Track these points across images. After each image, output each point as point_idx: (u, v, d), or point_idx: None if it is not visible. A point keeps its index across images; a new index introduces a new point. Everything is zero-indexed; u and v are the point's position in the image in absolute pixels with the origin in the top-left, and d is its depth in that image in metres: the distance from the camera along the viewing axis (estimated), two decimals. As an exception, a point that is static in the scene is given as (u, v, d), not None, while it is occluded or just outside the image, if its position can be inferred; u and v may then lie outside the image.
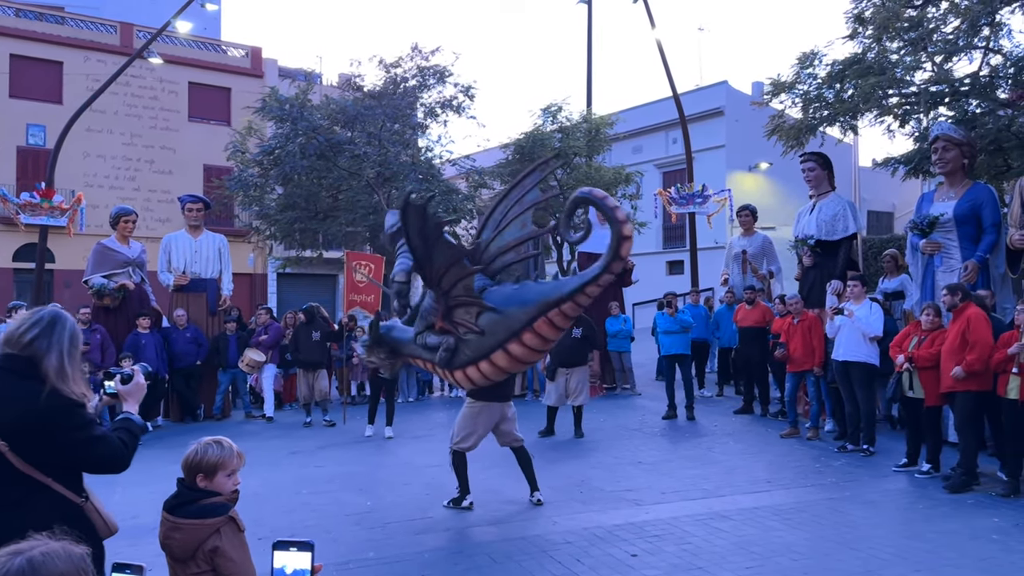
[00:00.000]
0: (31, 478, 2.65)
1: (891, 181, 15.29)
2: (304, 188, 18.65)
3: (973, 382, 7.02)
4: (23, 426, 2.64)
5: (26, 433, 2.64)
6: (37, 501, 2.65)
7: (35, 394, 2.67)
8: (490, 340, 6.16)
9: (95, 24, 25.25)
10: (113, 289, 11.09)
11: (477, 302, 6.16)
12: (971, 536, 5.71)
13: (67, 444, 2.69)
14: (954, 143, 8.74)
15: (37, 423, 2.66)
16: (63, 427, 2.69)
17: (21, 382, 2.70)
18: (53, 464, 2.70)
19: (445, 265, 6.08)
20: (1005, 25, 10.85)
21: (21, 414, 2.65)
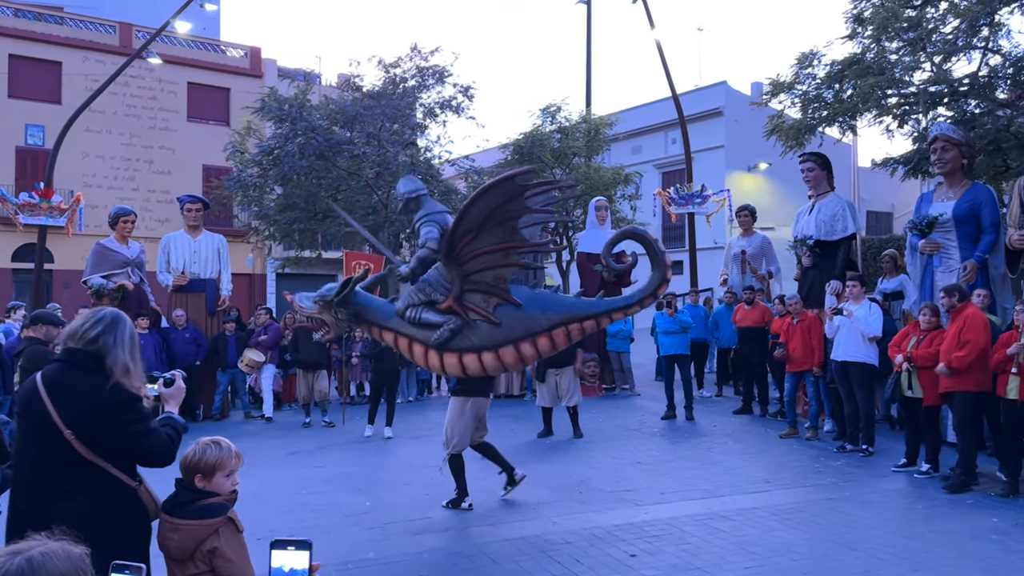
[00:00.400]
0: (94, 464, 2.85)
1: (890, 181, 15.29)
2: (303, 188, 18.65)
3: (971, 382, 7.03)
4: (89, 417, 2.84)
5: (91, 423, 2.84)
6: (98, 485, 2.86)
7: (100, 387, 2.88)
8: (504, 334, 6.16)
9: (94, 24, 25.24)
10: (112, 289, 11.08)
11: (503, 293, 6.14)
12: (970, 536, 5.71)
13: (126, 434, 2.90)
14: (953, 143, 8.74)
15: (101, 414, 2.86)
16: (123, 419, 2.90)
17: (86, 376, 2.91)
18: (112, 452, 2.90)
19: (491, 248, 6.02)
20: (1004, 25, 10.85)
21: (87, 406, 2.85)
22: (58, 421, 2.82)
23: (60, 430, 2.81)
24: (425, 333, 6.27)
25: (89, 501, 2.81)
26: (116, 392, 2.90)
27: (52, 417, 2.82)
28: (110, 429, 2.87)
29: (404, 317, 6.35)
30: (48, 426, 2.83)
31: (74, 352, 2.96)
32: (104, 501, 2.85)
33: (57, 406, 2.84)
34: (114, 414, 2.88)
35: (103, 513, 2.82)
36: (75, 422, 2.82)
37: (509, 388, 13.57)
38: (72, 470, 2.83)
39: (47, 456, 2.86)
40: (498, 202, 5.95)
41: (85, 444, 2.83)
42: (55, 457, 2.84)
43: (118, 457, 2.92)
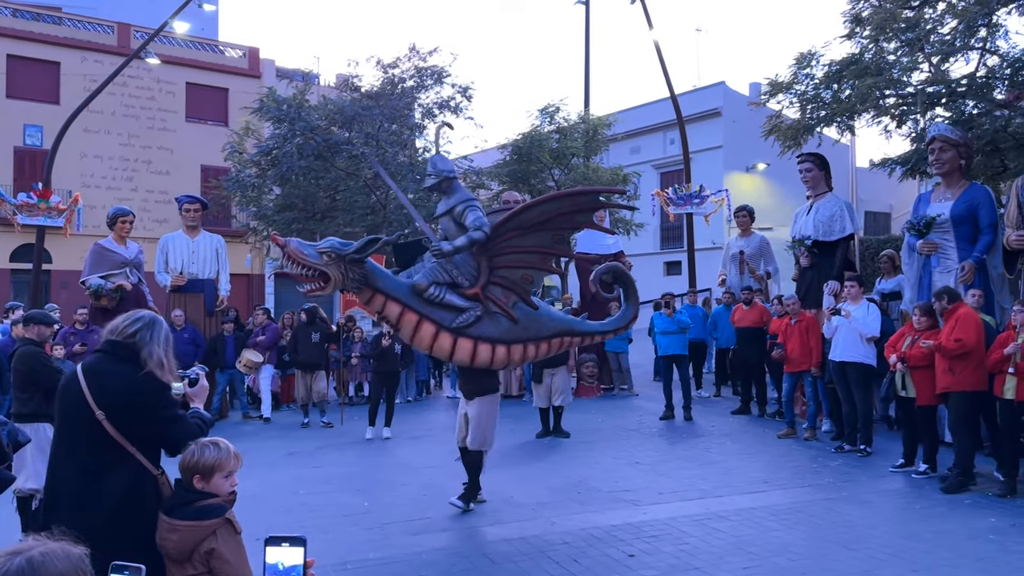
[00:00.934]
0: (122, 447, 3.03)
1: (888, 182, 15.30)
2: (302, 188, 18.64)
3: (966, 381, 7.05)
4: (121, 400, 3.04)
5: (122, 407, 3.04)
6: (123, 467, 3.03)
7: (134, 375, 3.10)
8: (520, 331, 6.40)
9: (92, 24, 25.21)
10: (110, 290, 11.06)
11: (524, 294, 6.38)
12: (968, 536, 5.72)
13: (154, 420, 3.10)
14: (951, 144, 8.75)
15: (133, 399, 3.07)
16: (153, 405, 3.11)
17: (122, 364, 3.13)
18: (140, 437, 3.08)
19: (531, 248, 6.31)
20: (1002, 26, 10.87)
21: (120, 390, 3.06)
22: (92, 403, 3.00)
23: (93, 411, 3.00)
24: (441, 314, 6.20)
25: (113, 481, 2.98)
26: (148, 380, 3.11)
27: (87, 399, 3.01)
28: (140, 414, 3.07)
29: (424, 294, 6.18)
30: (82, 409, 3.01)
31: (113, 343, 3.18)
32: (126, 483, 3.01)
33: (92, 390, 3.04)
34: (145, 400, 3.08)
35: (124, 494, 2.99)
36: (107, 404, 3.01)
37: (508, 389, 13.56)
38: (101, 450, 3.01)
39: (79, 437, 3.05)
40: (568, 210, 6.25)
41: (115, 427, 3.00)
42: (86, 438, 3.03)
43: (145, 443, 3.09)
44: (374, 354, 10.66)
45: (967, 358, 7.04)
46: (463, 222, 6.43)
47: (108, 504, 2.97)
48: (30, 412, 6.09)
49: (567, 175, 20.21)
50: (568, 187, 19.71)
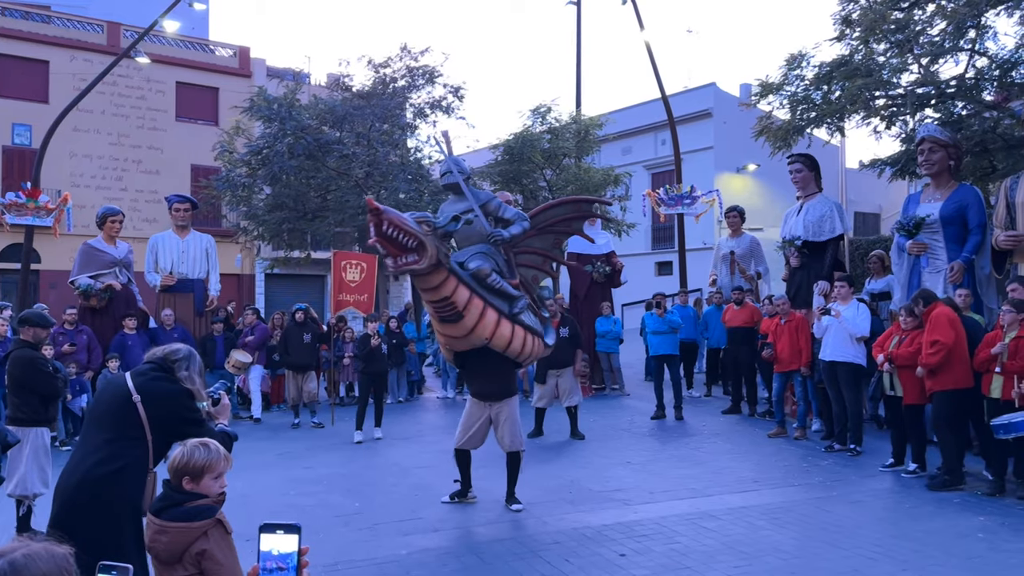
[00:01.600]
0: (143, 429, 3.47)
1: (878, 182, 15.36)
2: (292, 188, 18.56)
3: (948, 380, 7.08)
4: (155, 392, 3.53)
5: (156, 398, 3.52)
6: (134, 448, 3.46)
7: (172, 380, 3.62)
8: (539, 326, 6.77)
9: (81, 23, 25.06)
10: (99, 290, 11.01)
11: (533, 293, 6.80)
12: (957, 535, 5.75)
13: (181, 419, 3.53)
14: (940, 145, 8.80)
15: (167, 394, 3.56)
16: (182, 405, 3.58)
17: (162, 372, 3.64)
18: (163, 428, 3.51)
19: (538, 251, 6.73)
20: (991, 27, 10.91)
21: (158, 384, 3.56)
22: (132, 389, 3.50)
23: (131, 393, 3.48)
24: (499, 301, 6.27)
25: (123, 454, 3.42)
26: (183, 386, 3.61)
27: (129, 387, 3.51)
28: (169, 409, 3.52)
29: (487, 280, 6.18)
30: (121, 395, 3.51)
31: (157, 360, 3.67)
32: (128, 465, 3.41)
33: (135, 382, 3.54)
34: (176, 399, 3.56)
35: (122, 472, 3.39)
36: (146, 394, 3.50)
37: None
38: (128, 424, 3.46)
39: (109, 415, 3.51)
40: (571, 215, 6.49)
41: (146, 411, 3.47)
42: (116, 416, 3.48)
43: (163, 435, 3.52)
44: (362, 355, 10.57)
45: (948, 357, 7.06)
46: (502, 215, 6.62)
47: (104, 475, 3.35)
48: (25, 417, 6.02)
49: (559, 175, 20.20)
50: (560, 187, 19.74)
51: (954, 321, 7.16)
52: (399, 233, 5.37)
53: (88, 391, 10.37)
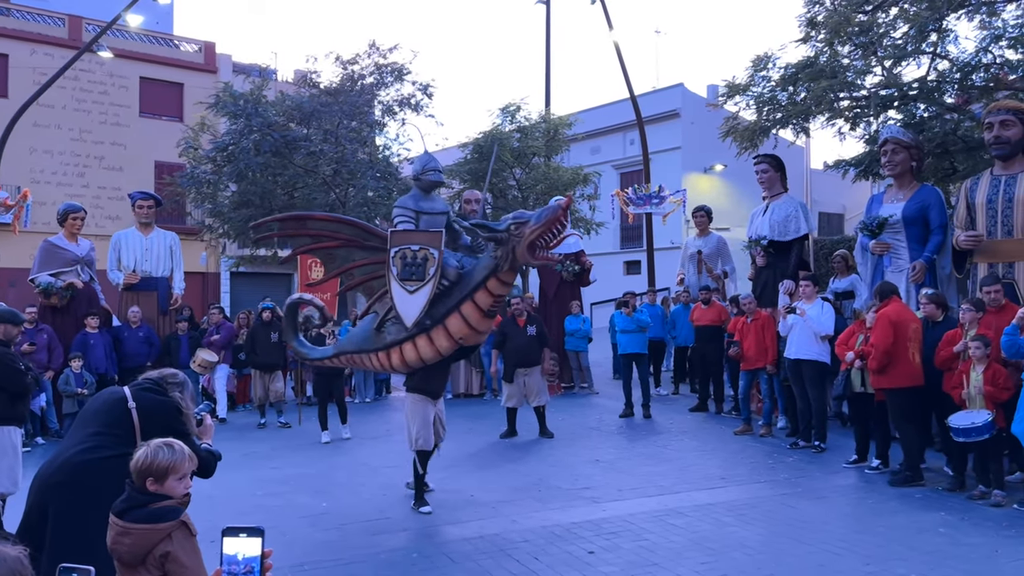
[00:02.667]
0: (133, 434, 3.51)
1: (842, 183, 15.58)
2: (259, 185, 18.36)
3: (896, 378, 7.20)
4: (150, 403, 3.64)
5: (149, 407, 3.63)
6: (122, 445, 3.42)
7: (165, 394, 3.74)
8: None
9: (42, 16, 24.56)
10: (61, 288, 10.80)
11: None
12: (919, 530, 5.85)
13: (171, 431, 3.40)
14: (903, 146, 8.94)
15: (159, 405, 3.66)
16: (173, 417, 3.66)
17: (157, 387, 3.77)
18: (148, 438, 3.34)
19: None
20: (952, 31, 11.13)
21: (151, 395, 3.68)
22: (128, 396, 3.61)
23: (127, 399, 3.59)
24: None
25: (112, 451, 3.42)
26: (176, 401, 3.72)
27: (126, 396, 3.62)
28: (161, 420, 3.56)
29: None
30: (117, 400, 3.62)
31: (152, 379, 3.81)
32: (115, 459, 3.34)
33: (132, 391, 3.66)
34: (168, 411, 3.65)
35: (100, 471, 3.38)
36: (140, 401, 3.61)
37: (469, 387, 13.54)
38: (120, 425, 3.53)
39: (100, 414, 3.60)
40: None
41: (139, 418, 3.55)
42: (108, 416, 3.57)
43: None
44: None
45: (891, 356, 7.18)
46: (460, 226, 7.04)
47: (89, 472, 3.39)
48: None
49: (528, 174, 20.22)
50: (529, 186, 19.77)
51: (895, 322, 7.25)
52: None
53: (47, 391, 10.17)
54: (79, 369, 10.09)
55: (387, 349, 6.55)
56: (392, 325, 6.49)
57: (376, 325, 6.59)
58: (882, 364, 7.19)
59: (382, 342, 6.58)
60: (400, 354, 6.49)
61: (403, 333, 6.42)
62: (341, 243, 6.68)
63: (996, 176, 8.10)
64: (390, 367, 6.80)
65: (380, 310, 6.62)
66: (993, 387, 6.54)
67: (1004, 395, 6.51)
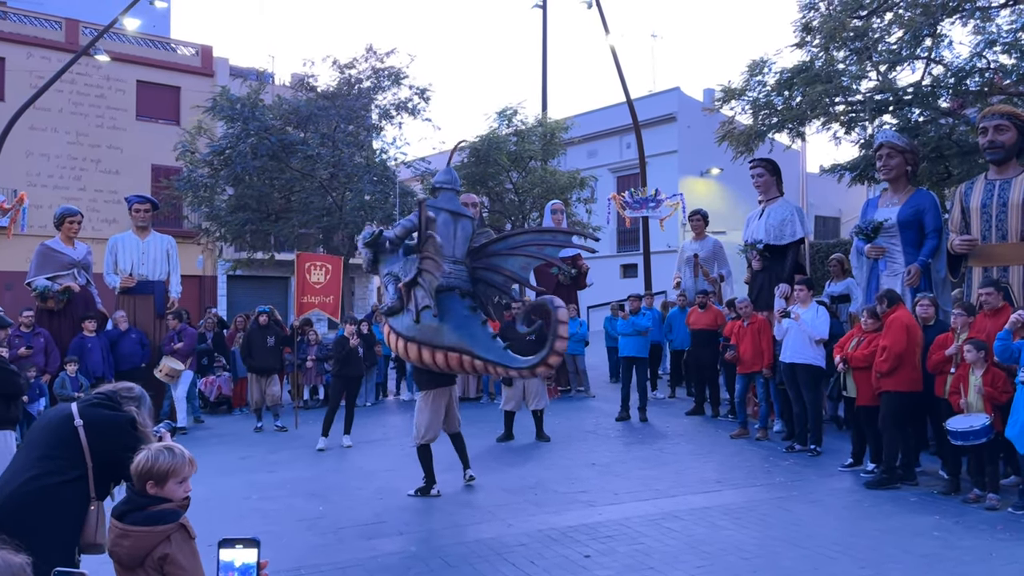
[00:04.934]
0: (81, 459, 3.22)
1: (837, 187, 15.65)
2: (255, 189, 18.38)
3: (895, 382, 7.23)
4: (99, 419, 3.31)
5: (99, 425, 3.30)
6: (70, 479, 3.20)
7: (118, 410, 3.41)
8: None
9: (39, 20, 24.56)
10: (57, 291, 10.79)
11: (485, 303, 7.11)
12: (913, 533, 5.87)
13: (124, 447, 3.18)
14: (898, 150, 8.98)
15: (111, 422, 3.34)
16: (127, 433, 3.33)
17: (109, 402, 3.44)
18: (103, 459, 3.26)
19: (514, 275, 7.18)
20: (946, 36, 11.20)
21: (102, 411, 3.35)
22: (76, 414, 3.28)
23: (73, 417, 3.26)
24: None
25: (61, 476, 3.16)
26: (129, 415, 3.40)
27: (72, 413, 3.29)
28: (113, 438, 3.28)
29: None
30: (62, 419, 3.30)
31: (104, 393, 3.50)
32: (61, 489, 3.15)
33: (79, 408, 3.33)
34: (120, 428, 3.33)
35: (51, 495, 3.12)
36: (87, 418, 3.28)
37: (466, 391, 13.53)
38: (63, 449, 3.22)
39: (46, 435, 3.30)
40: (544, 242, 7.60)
41: (87, 437, 3.24)
42: (54, 437, 3.26)
43: (104, 465, 3.26)
44: (340, 357, 9.97)
45: (899, 361, 7.21)
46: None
47: (33, 505, 3.10)
48: None
49: (524, 178, 20.25)
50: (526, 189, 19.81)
51: (910, 327, 7.30)
52: None
53: (46, 395, 10.15)
54: (75, 373, 10.08)
55: None
56: None
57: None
58: (893, 367, 7.20)
59: None
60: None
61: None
62: None
63: (991, 180, 8.14)
64: None
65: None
66: (993, 388, 6.57)
67: (1003, 397, 6.54)
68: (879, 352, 7.28)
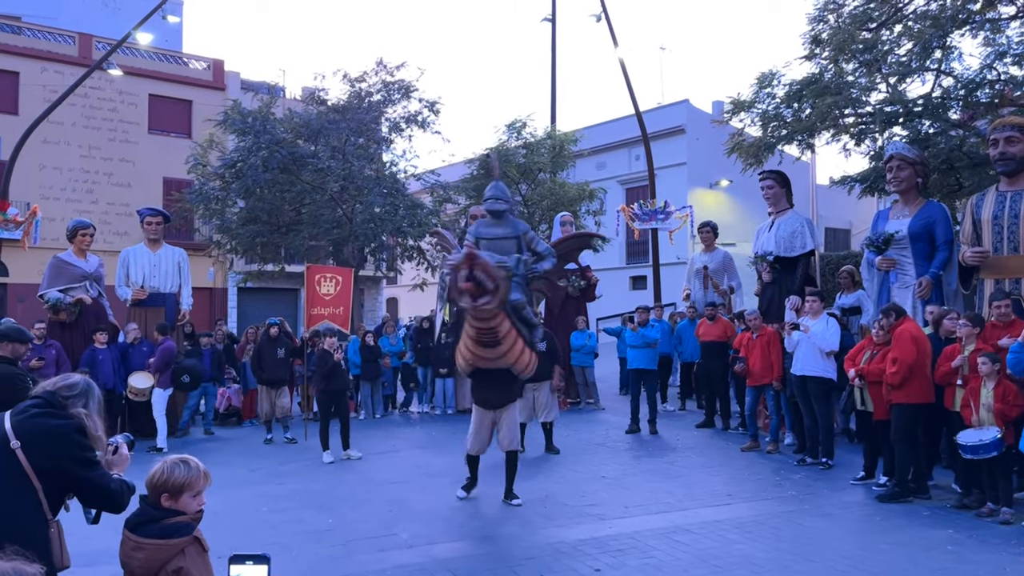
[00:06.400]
0: (28, 480, 2.91)
1: (847, 199, 15.60)
2: (266, 202, 18.48)
3: (906, 394, 7.19)
4: (40, 430, 2.96)
5: (40, 437, 2.95)
6: (21, 501, 2.92)
7: (60, 415, 3.05)
8: None
9: (53, 35, 24.82)
10: (69, 303, 10.86)
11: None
12: (926, 547, 5.82)
13: (72, 460, 2.98)
14: (908, 162, 8.96)
15: (54, 431, 2.98)
16: (73, 443, 3.00)
17: (50, 408, 3.07)
18: (51, 474, 2.96)
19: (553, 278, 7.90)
20: (956, 48, 11.19)
21: (42, 422, 2.99)
22: (10, 435, 2.92)
23: (7, 439, 2.92)
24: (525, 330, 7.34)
25: (3, 514, 2.87)
26: (76, 420, 3.05)
27: (4, 433, 2.93)
28: (57, 451, 2.96)
29: (521, 312, 7.21)
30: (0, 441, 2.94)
31: (42, 396, 3.12)
32: (15, 521, 2.88)
33: (12, 423, 2.97)
34: (63, 437, 2.99)
35: (8, 530, 2.82)
36: (26, 434, 2.94)
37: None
38: (4, 479, 2.91)
39: None
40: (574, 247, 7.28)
41: (28, 458, 2.91)
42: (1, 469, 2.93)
43: (54, 482, 2.98)
44: (323, 372, 9.87)
45: (909, 373, 7.17)
46: (535, 248, 7.46)
47: None
48: None
49: (534, 190, 20.28)
50: (535, 201, 19.87)
51: (918, 338, 7.26)
52: (486, 278, 6.10)
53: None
54: (86, 384, 10.07)
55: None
56: None
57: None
58: (904, 379, 7.16)
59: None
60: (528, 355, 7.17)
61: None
62: None
63: (1002, 192, 8.11)
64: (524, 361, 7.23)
65: None
66: (1003, 404, 6.51)
67: (1014, 412, 6.49)
68: (889, 364, 7.25)
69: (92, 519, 3.19)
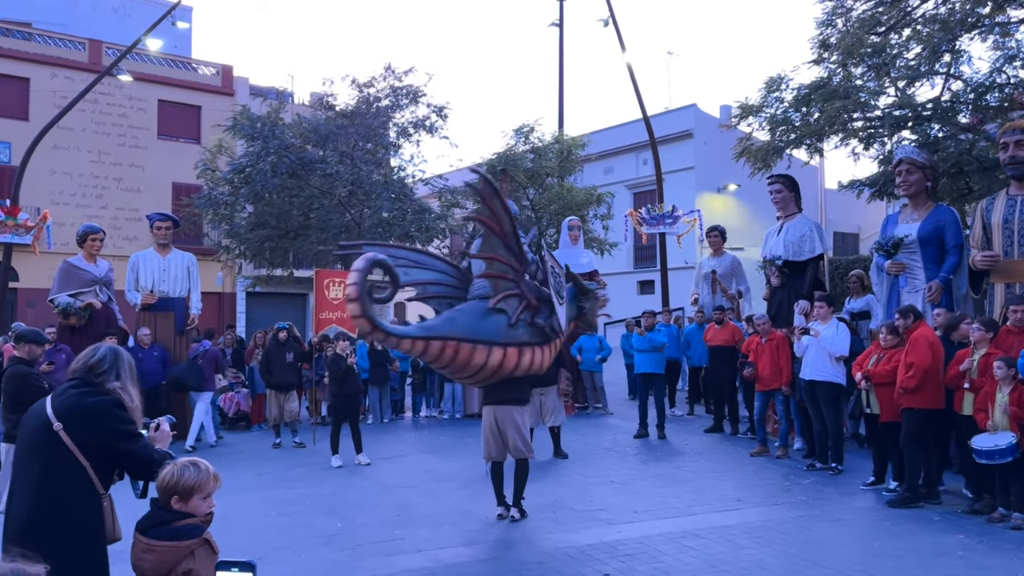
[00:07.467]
0: (75, 459, 3.06)
1: (856, 203, 15.56)
2: (275, 206, 18.54)
3: (918, 399, 7.15)
4: (80, 410, 3.11)
5: (81, 417, 3.10)
6: (71, 481, 3.08)
7: (97, 392, 3.21)
8: None
9: (63, 41, 24.97)
10: (79, 308, 10.91)
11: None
12: (937, 553, 5.79)
13: (114, 432, 3.13)
14: (917, 166, 8.93)
15: (93, 408, 3.14)
16: (114, 416, 3.17)
17: (87, 387, 3.22)
18: (96, 450, 3.11)
19: None
20: (965, 52, 11.16)
21: (81, 401, 3.14)
22: (52, 416, 3.08)
23: (51, 422, 3.07)
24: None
25: (64, 487, 3.05)
26: (113, 395, 3.22)
27: (48, 415, 3.09)
28: (99, 423, 3.12)
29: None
30: (42, 425, 3.10)
31: (77, 376, 3.28)
32: (70, 498, 3.06)
33: (55, 405, 3.14)
34: (103, 413, 3.14)
35: (65, 508, 3.04)
36: (65, 415, 3.09)
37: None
38: (55, 460, 3.07)
39: (34, 449, 3.12)
40: None
41: (71, 436, 3.06)
42: (42, 449, 3.09)
43: (100, 458, 3.12)
44: (336, 376, 9.97)
45: (927, 376, 7.13)
46: None
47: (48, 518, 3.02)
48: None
49: (541, 194, 20.29)
50: (543, 206, 19.86)
51: (934, 343, 7.24)
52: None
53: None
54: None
55: (519, 346, 6.63)
56: (524, 327, 6.68)
57: (512, 322, 6.59)
58: (920, 383, 7.12)
59: (516, 338, 6.62)
60: (528, 355, 6.70)
61: (536, 338, 6.76)
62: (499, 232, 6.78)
63: (1012, 196, 8.08)
64: (505, 364, 6.61)
65: (508, 309, 6.67)
66: (1020, 408, 6.47)
67: None
68: (905, 368, 7.21)
69: (140, 492, 3.31)
